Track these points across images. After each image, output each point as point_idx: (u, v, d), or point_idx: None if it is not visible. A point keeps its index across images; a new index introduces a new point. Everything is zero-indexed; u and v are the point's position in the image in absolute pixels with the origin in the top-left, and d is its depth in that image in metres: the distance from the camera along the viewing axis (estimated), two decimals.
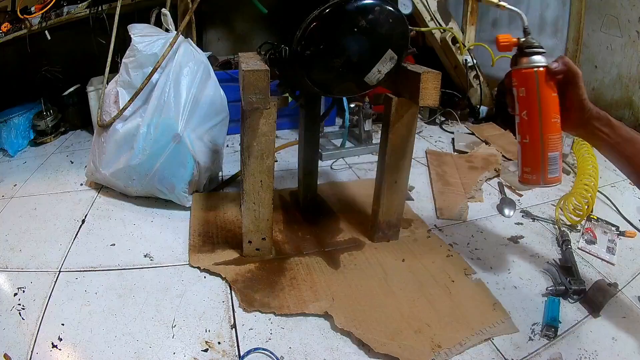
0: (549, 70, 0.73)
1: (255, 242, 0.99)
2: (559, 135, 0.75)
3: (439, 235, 1.12)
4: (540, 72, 0.74)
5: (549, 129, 0.75)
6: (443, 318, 0.83)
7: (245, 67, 0.78)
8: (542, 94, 0.74)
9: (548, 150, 0.76)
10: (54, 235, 1.10)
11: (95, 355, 0.75)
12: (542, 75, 0.74)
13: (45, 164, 1.58)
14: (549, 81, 0.74)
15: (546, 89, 0.74)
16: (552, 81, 0.74)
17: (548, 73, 0.73)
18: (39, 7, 1.61)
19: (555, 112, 0.75)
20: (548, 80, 0.74)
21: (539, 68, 0.74)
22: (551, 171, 0.77)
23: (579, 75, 0.73)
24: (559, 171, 0.77)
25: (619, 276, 0.96)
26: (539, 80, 0.74)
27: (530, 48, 0.74)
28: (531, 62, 0.74)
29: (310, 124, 1.09)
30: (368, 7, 0.77)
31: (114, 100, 1.23)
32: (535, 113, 0.75)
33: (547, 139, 0.75)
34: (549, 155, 0.76)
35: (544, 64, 0.74)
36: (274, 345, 0.77)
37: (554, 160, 0.76)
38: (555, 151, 0.76)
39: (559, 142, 0.76)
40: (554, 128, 0.75)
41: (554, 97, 0.74)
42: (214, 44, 2.27)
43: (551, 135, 0.75)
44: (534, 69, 0.74)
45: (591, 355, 0.75)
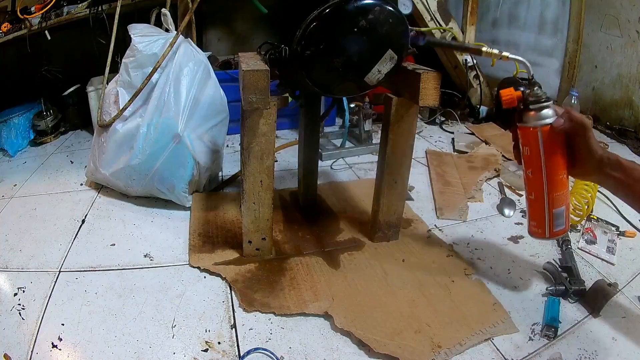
0: (553, 128, 0.70)
1: (255, 242, 0.99)
2: (565, 191, 0.74)
3: (439, 235, 1.12)
4: (544, 131, 0.70)
5: (554, 188, 0.73)
6: (443, 318, 0.83)
7: (245, 67, 0.78)
8: (547, 153, 0.72)
9: (553, 207, 0.74)
10: (54, 235, 1.10)
11: (95, 355, 0.75)
12: (546, 134, 0.70)
13: (45, 164, 1.58)
14: (553, 139, 0.70)
15: (551, 147, 0.71)
16: (558, 138, 0.71)
17: (552, 131, 0.70)
18: (39, 7, 1.61)
19: (560, 170, 0.72)
20: (553, 139, 0.70)
21: (543, 126, 0.70)
22: (557, 225, 0.76)
23: (587, 127, 0.70)
24: (565, 223, 0.76)
25: (619, 276, 0.96)
26: (543, 140, 0.71)
27: (535, 103, 0.70)
28: (535, 120, 0.71)
29: (310, 124, 1.09)
30: (368, 7, 0.77)
31: (114, 100, 1.23)
32: (540, 172, 0.73)
33: (552, 197, 0.74)
34: (554, 212, 0.75)
35: (549, 120, 0.70)
36: (274, 345, 0.77)
37: (560, 215, 0.75)
38: (561, 206, 0.74)
39: (564, 197, 0.74)
40: (560, 185, 0.73)
41: (559, 155, 0.72)
42: (214, 44, 2.27)
43: (557, 193, 0.73)
44: (538, 127, 0.71)
45: (591, 355, 0.75)
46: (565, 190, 0.74)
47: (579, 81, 1.97)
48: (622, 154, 1.66)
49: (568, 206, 0.76)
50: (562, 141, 0.71)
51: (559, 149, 0.72)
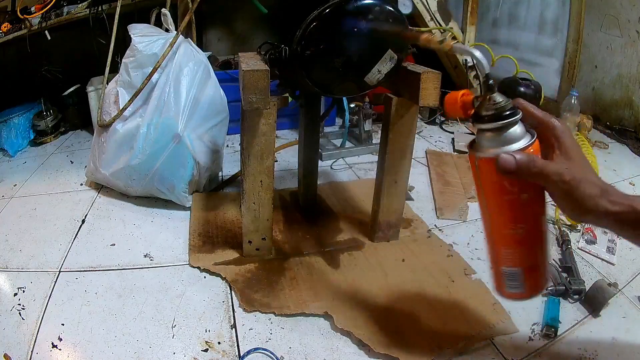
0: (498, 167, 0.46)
1: (255, 242, 0.99)
2: (520, 249, 0.53)
3: (439, 235, 1.12)
4: (483, 166, 0.49)
5: (502, 243, 0.53)
6: (443, 318, 0.83)
7: (245, 67, 0.78)
8: (488, 196, 0.51)
9: (501, 264, 0.55)
10: (54, 235, 1.10)
11: (95, 355, 0.75)
12: (485, 171, 0.49)
13: (45, 164, 1.58)
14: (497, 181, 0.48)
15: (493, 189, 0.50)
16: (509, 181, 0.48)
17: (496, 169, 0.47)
18: (39, 7, 1.61)
19: (513, 222, 0.50)
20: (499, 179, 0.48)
21: (481, 159, 0.48)
22: (510, 287, 0.56)
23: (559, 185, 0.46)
24: (524, 287, 0.55)
25: (619, 276, 0.96)
26: (481, 177, 0.50)
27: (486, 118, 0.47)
28: (483, 143, 0.49)
29: (310, 124, 1.09)
30: (368, 7, 0.77)
31: (114, 100, 1.23)
32: (484, 214, 0.54)
33: (499, 251, 0.54)
34: (504, 270, 0.55)
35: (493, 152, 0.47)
36: (274, 345, 0.77)
37: (512, 276, 0.54)
38: (514, 267, 0.53)
39: (520, 257, 0.53)
40: (512, 242, 0.52)
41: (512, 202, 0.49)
42: (214, 44, 2.27)
43: (507, 249, 0.53)
44: (475, 157, 0.50)
45: (591, 355, 0.75)
46: (522, 248, 0.53)
47: (579, 81, 1.97)
48: (622, 154, 1.67)
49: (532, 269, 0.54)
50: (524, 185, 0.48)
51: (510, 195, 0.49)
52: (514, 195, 0.49)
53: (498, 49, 2.10)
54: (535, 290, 0.56)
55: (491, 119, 0.47)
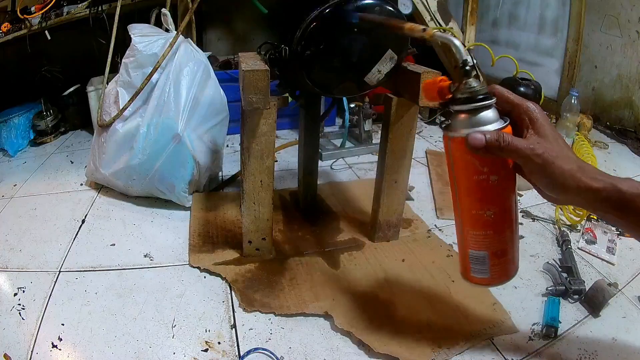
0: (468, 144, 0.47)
1: (255, 242, 0.99)
2: (490, 232, 0.53)
3: (439, 235, 1.12)
4: (455, 145, 0.50)
5: (470, 224, 0.54)
6: (443, 318, 0.83)
7: (245, 67, 0.78)
8: (458, 175, 0.52)
9: (468, 246, 0.56)
10: (54, 235, 1.10)
11: (95, 355, 0.75)
12: (456, 150, 0.50)
13: (45, 164, 1.58)
14: (473, 159, 0.49)
15: (465, 170, 0.51)
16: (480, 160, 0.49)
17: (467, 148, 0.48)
18: (39, 7, 1.61)
19: (482, 205, 0.51)
20: (471, 158, 0.49)
21: (453, 138, 0.50)
22: (475, 271, 0.56)
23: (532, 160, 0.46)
24: (488, 272, 0.56)
25: (619, 276, 0.96)
26: (453, 156, 0.51)
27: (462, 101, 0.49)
28: (456, 125, 0.50)
29: (310, 124, 1.09)
30: (368, 7, 0.77)
31: (114, 100, 1.23)
32: (453, 195, 0.55)
33: (466, 233, 0.55)
34: (470, 253, 0.56)
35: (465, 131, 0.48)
36: (274, 345, 0.77)
37: (478, 259, 0.55)
38: (480, 250, 0.54)
39: (488, 240, 0.54)
40: (479, 224, 0.53)
41: (481, 182, 0.50)
42: (214, 44, 2.27)
43: (474, 231, 0.54)
44: (448, 137, 0.51)
45: (591, 355, 0.75)
46: (491, 231, 0.53)
47: (579, 81, 1.97)
48: (622, 154, 1.67)
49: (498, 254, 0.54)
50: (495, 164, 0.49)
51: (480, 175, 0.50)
52: (483, 176, 0.50)
53: (498, 49, 2.11)
54: (502, 277, 0.57)
55: (465, 101, 0.49)
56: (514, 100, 0.50)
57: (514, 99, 0.50)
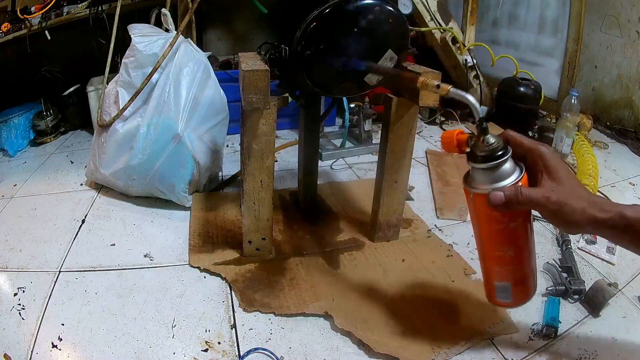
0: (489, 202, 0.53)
1: (255, 242, 0.99)
2: (511, 267, 0.60)
3: (439, 235, 1.12)
4: (477, 200, 0.55)
5: (494, 262, 0.61)
6: (443, 318, 0.83)
7: (245, 67, 0.78)
8: (481, 224, 0.58)
9: (493, 279, 0.64)
10: (54, 235, 1.10)
11: (95, 355, 0.75)
12: (479, 203, 0.55)
13: (45, 164, 1.58)
14: (490, 214, 0.55)
15: (490, 221, 0.56)
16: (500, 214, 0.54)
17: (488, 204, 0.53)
18: (39, 7, 1.61)
19: (504, 246, 0.57)
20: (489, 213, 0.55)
21: (476, 193, 0.55)
22: (500, 297, 0.65)
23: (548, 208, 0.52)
24: (511, 298, 0.64)
25: (619, 276, 0.96)
26: (476, 210, 0.57)
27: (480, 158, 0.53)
28: (476, 179, 0.54)
29: (310, 124, 1.09)
30: (368, 7, 0.77)
31: (114, 100, 1.23)
32: (476, 237, 0.61)
33: (490, 268, 0.62)
34: (496, 285, 0.64)
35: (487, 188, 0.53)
36: (274, 345, 0.77)
37: (503, 289, 0.63)
38: (504, 282, 0.62)
39: (509, 273, 0.61)
40: (503, 262, 0.59)
41: (502, 231, 0.56)
42: (214, 44, 2.27)
43: (498, 268, 0.61)
44: (470, 192, 0.55)
45: (591, 355, 0.75)
46: (511, 267, 0.60)
47: (579, 81, 1.97)
48: (622, 154, 1.67)
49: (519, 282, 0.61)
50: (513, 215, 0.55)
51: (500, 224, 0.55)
52: (503, 225, 0.55)
53: (498, 49, 2.11)
54: (523, 299, 0.65)
55: (484, 160, 0.53)
56: (528, 145, 0.55)
57: (528, 144, 0.55)
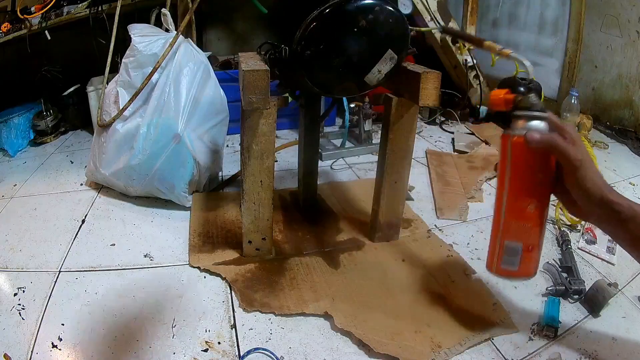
0: (526, 142, 0.58)
1: (255, 242, 0.99)
2: (527, 224, 0.62)
3: (439, 235, 1.12)
4: (515, 142, 0.60)
5: (513, 215, 0.62)
6: (443, 318, 0.83)
7: (245, 67, 0.78)
8: (514, 172, 0.61)
9: (506, 237, 0.63)
10: (54, 235, 1.10)
11: (95, 355, 0.75)
12: (516, 147, 0.60)
13: (45, 164, 1.58)
14: (524, 155, 0.59)
15: (522, 166, 0.60)
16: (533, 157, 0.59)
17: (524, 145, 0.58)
18: (39, 7, 1.61)
19: (526, 197, 0.61)
20: (524, 154, 0.59)
21: (514, 137, 0.60)
22: (505, 262, 0.64)
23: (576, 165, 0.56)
24: (517, 264, 0.63)
25: (619, 276, 0.96)
26: (512, 152, 0.60)
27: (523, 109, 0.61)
28: (516, 128, 0.61)
29: (310, 124, 1.09)
30: (368, 7, 0.77)
31: (114, 100, 1.23)
32: (502, 189, 0.63)
33: (507, 224, 0.63)
34: (506, 244, 0.63)
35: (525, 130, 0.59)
36: (274, 345, 0.77)
37: (513, 251, 0.62)
38: (516, 241, 0.62)
39: (525, 232, 0.62)
40: (522, 216, 0.61)
41: (527, 178, 0.61)
42: (214, 44, 2.27)
43: (515, 222, 0.62)
44: (509, 136, 0.61)
45: (591, 355, 0.75)
46: (529, 224, 0.62)
47: (579, 81, 1.97)
48: (622, 154, 1.67)
49: (530, 248, 0.62)
50: (542, 164, 0.60)
51: (531, 171, 0.60)
52: (532, 172, 0.60)
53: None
54: (526, 272, 0.64)
55: (529, 109, 0.60)
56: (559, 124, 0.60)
57: (559, 123, 0.60)
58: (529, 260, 0.63)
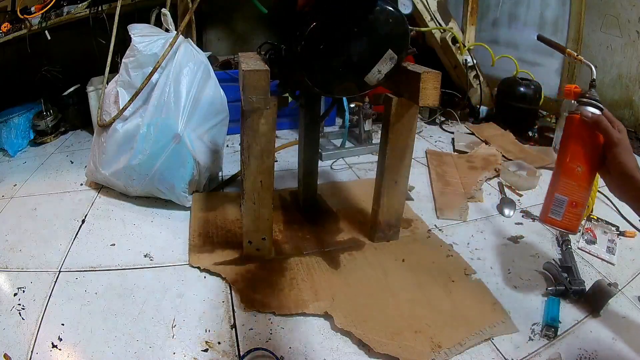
0: (581, 116, 0.75)
1: (255, 242, 0.98)
2: (576, 184, 0.75)
3: (439, 235, 1.12)
4: (574, 118, 0.76)
5: (565, 173, 0.76)
6: (443, 318, 0.83)
7: (245, 67, 0.78)
8: (570, 139, 0.76)
9: (556, 191, 0.77)
10: (54, 235, 1.10)
11: (95, 355, 0.75)
12: (575, 121, 0.76)
13: (45, 164, 1.58)
14: (580, 128, 0.75)
15: (575, 135, 0.76)
16: (585, 130, 0.74)
17: (580, 120, 0.75)
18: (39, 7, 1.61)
19: (578, 160, 0.75)
20: (580, 128, 0.75)
21: (575, 114, 0.77)
22: (553, 212, 0.77)
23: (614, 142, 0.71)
24: (562, 215, 0.76)
25: (619, 276, 0.96)
26: (572, 125, 0.76)
27: (585, 99, 0.77)
28: (576, 110, 0.77)
29: (310, 124, 1.09)
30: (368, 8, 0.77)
31: (114, 100, 1.23)
32: (562, 154, 0.78)
33: (560, 180, 0.77)
34: (556, 197, 0.77)
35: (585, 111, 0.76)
36: (274, 345, 0.77)
37: (560, 203, 0.76)
38: (564, 195, 0.76)
39: (573, 190, 0.76)
40: (572, 175, 0.76)
41: (580, 145, 0.75)
42: (214, 44, 2.27)
43: (566, 180, 0.76)
44: (573, 114, 0.77)
45: (591, 355, 0.75)
46: (578, 183, 0.76)
47: (579, 81, 1.97)
48: None
49: (574, 204, 0.76)
50: (591, 138, 0.74)
51: (584, 141, 0.75)
52: (584, 141, 0.75)
53: (498, 49, 2.11)
54: (569, 225, 0.76)
55: (591, 99, 0.76)
56: (610, 116, 0.74)
57: (610, 115, 0.74)
58: (572, 215, 0.76)
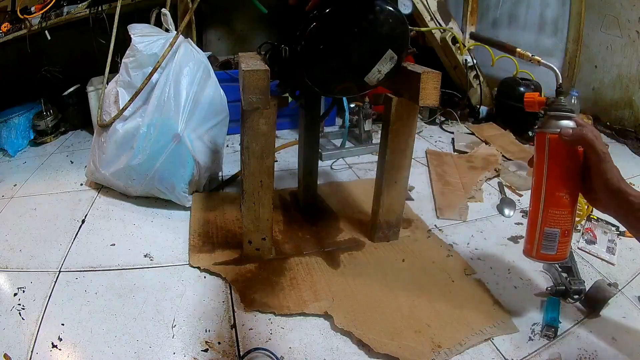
0: (560, 136, 0.67)
1: (255, 242, 0.99)
2: (564, 213, 0.70)
3: (439, 235, 1.12)
4: (551, 139, 0.68)
5: (550, 203, 0.70)
6: (443, 318, 0.83)
7: (245, 67, 0.78)
8: (550, 163, 0.69)
9: (545, 224, 0.71)
10: (54, 235, 1.10)
11: (95, 355, 0.75)
12: (553, 142, 0.68)
13: (45, 164, 1.58)
14: (560, 150, 0.67)
15: (556, 158, 0.68)
16: (566, 150, 0.67)
17: (559, 140, 0.67)
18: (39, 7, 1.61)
19: (562, 187, 0.69)
20: (559, 149, 0.67)
21: (551, 134, 0.68)
22: (545, 247, 0.71)
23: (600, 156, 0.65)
24: (556, 249, 0.71)
25: (619, 276, 0.96)
26: (550, 148, 0.69)
27: (554, 110, 0.69)
28: (549, 127, 0.69)
29: (310, 124, 1.09)
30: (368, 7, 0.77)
31: (114, 100, 1.23)
32: (540, 182, 0.70)
33: (546, 212, 0.70)
34: (545, 231, 0.71)
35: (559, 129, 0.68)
36: (274, 345, 0.77)
37: (551, 237, 0.71)
38: (554, 227, 0.70)
39: (562, 220, 0.70)
40: (559, 203, 0.69)
41: (563, 170, 0.69)
42: (214, 44, 2.27)
43: (553, 210, 0.70)
44: (547, 134, 0.69)
45: (591, 355, 0.75)
46: (566, 212, 0.70)
47: (579, 81, 1.97)
48: (622, 154, 1.67)
49: (566, 233, 0.70)
50: (573, 157, 0.68)
51: (566, 163, 0.68)
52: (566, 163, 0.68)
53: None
54: (562, 254, 0.72)
55: (560, 110, 0.69)
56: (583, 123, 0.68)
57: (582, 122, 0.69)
58: (565, 244, 0.71)
